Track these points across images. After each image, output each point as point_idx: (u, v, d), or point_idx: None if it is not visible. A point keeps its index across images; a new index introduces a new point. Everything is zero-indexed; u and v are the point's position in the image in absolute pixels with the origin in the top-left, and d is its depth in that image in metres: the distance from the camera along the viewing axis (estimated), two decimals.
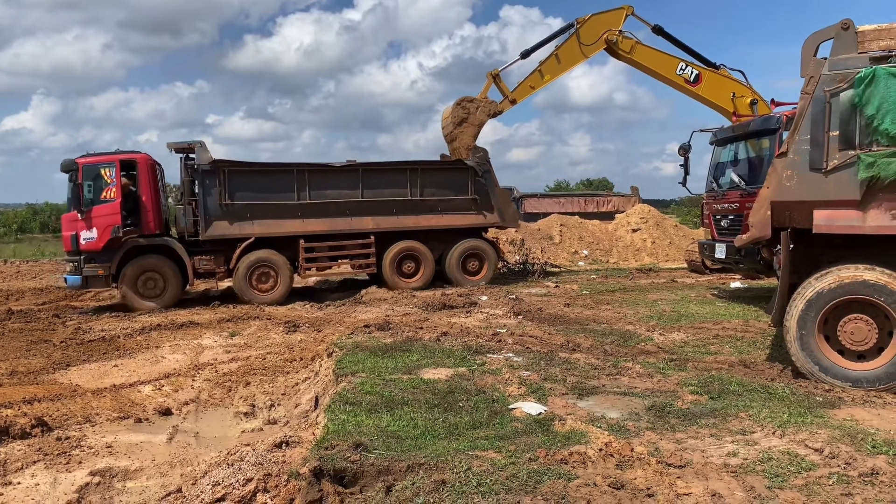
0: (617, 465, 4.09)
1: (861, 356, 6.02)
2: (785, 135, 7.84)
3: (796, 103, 6.83)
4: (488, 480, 3.84)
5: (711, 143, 12.81)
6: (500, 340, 8.41)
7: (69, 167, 13.17)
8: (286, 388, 7.64)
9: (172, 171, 15.96)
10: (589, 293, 13.67)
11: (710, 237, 12.44)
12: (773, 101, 12.77)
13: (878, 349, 5.96)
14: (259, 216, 13.98)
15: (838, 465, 4.05)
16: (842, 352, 6.08)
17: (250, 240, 13.84)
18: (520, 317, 10.55)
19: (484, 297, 12.68)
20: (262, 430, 6.44)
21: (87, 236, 12.99)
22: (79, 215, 13.00)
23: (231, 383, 7.80)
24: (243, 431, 6.48)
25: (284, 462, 4.44)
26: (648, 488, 3.77)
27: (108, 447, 5.87)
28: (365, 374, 6.38)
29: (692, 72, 14.76)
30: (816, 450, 4.30)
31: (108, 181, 13.13)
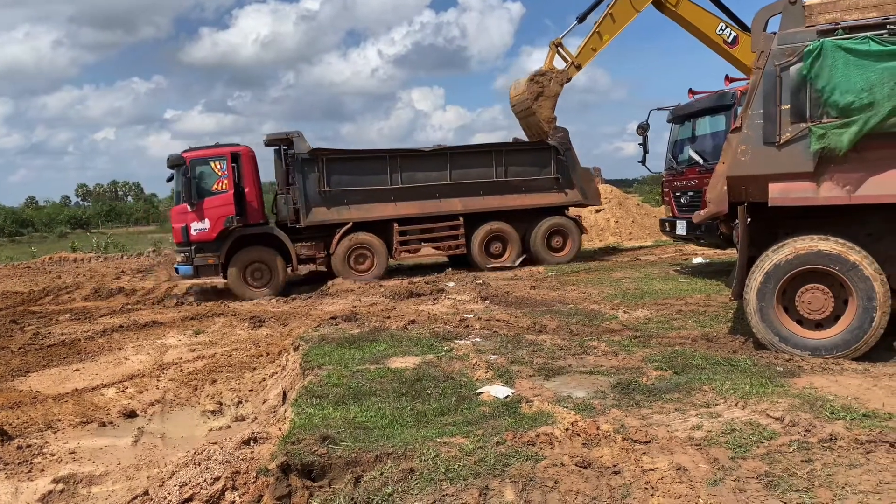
0: (584, 443, 4.12)
1: (819, 325, 6.16)
2: (739, 110, 7.93)
3: (748, 78, 6.92)
4: (456, 466, 3.84)
5: (669, 121, 12.95)
6: (467, 326, 8.42)
7: (176, 162, 13.56)
8: (253, 384, 7.56)
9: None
10: (554, 274, 13.76)
11: (670, 214, 12.60)
12: (727, 76, 12.93)
13: (834, 317, 6.09)
14: (355, 201, 14.56)
15: (798, 433, 4.13)
16: (800, 321, 6.20)
17: (348, 225, 14.41)
18: (486, 301, 10.58)
19: (451, 284, 12.70)
20: (229, 427, 6.38)
21: (199, 227, 13.48)
22: (189, 207, 13.44)
23: (197, 382, 7.70)
24: (210, 430, 6.40)
25: (252, 459, 4.39)
26: (615, 465, 3.80)
27: (71, 453, 5.77)
28: (332, 366, 6.34)
29: (731, 33, 14.81)
30: (777, 419, 4.38)
31: (220, 173, 13.64)
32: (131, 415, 6.81)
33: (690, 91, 12.87)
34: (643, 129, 13.99)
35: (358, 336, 7.67)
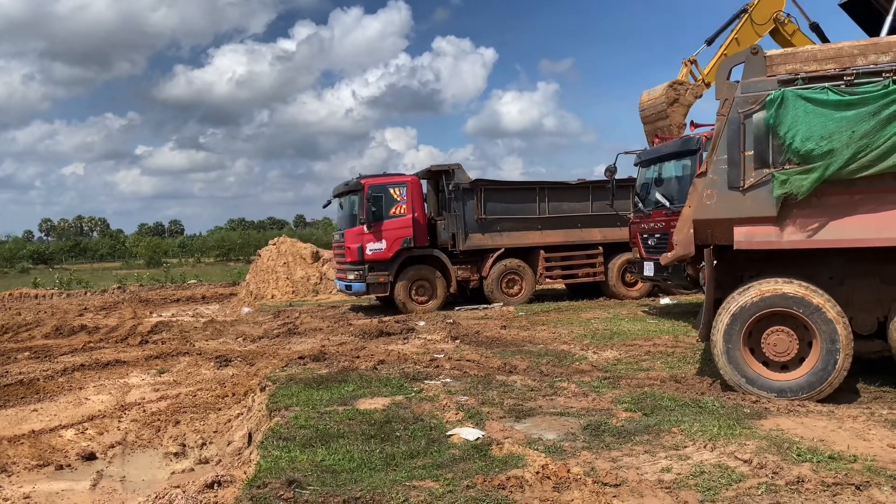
0: (554, 487, 4.09)
1: (784, 367, 6.24)
2: (704, 155, 8.12)
3: (714, 124, 7.10)
4: None
5: (636, 165, 13.19)
6: (437, 366, 8.37)
7: (355, 187, 14.92)
8: (218, 426, 7.40)
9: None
10: (525, 314, 13.79)
11: (638, 256, 12.76)
12: (692, 122, 13.25)
13: (799, 359, 6.18)
14: (507, 229, 15.68)
15: (766, 475, 4.15)
16: (766, 363, 6.28)
17: (500, 250, 15.49)
18: (457, 341, 10.54)
19: (421, 323, 12.65)
20: (192, 470, 6.21)
21: (375, 247, 14.66)
22: (365, 229, 14.61)
23: (160, 423, 7.50)
24: (173, 473, 6.23)
25: (216, 503, 4.29)
26: None
27: (25, 498, 5.55)
28: (299, 407, 6.24)
29: None
30: (745, 461, 4.40)
31: (398, 199, 14.93)
32: (90, 457, 6.60)
33: (656, 136, 13.16)
34: (611, 172, 14.24)
35: (326, 376, 7.58)
